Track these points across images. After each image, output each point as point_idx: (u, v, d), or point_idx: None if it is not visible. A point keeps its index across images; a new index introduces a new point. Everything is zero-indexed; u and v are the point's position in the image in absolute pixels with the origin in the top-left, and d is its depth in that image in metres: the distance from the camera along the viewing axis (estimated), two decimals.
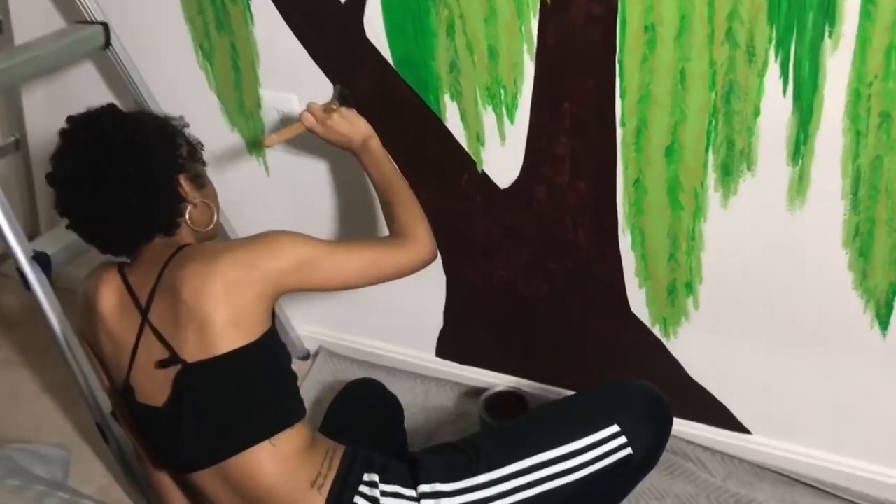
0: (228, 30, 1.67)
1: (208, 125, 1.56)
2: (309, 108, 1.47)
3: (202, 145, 1.36)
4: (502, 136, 1.54)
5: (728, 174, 1.40)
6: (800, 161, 1.33)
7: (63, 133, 1.22)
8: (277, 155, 1.80)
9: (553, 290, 1.69)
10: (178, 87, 1.80)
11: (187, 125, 1.35)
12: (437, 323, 1.88)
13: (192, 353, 1.14)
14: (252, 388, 1.18)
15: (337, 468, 1.20)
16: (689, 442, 1.71)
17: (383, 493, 1.18)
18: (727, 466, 1.68)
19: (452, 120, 1.57)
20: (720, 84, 1.32)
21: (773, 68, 1.28)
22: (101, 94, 1.91)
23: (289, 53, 1.64)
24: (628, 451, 1.25)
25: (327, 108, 1.48)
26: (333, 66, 1.62)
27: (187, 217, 1.27)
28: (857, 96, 1.24)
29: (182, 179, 1.26)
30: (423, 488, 1.19)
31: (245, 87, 1.74)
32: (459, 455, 1.24)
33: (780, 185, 1.37)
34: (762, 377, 1.59)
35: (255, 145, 1.81)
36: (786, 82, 1.28)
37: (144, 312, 1.19)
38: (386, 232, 1.41)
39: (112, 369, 1.27)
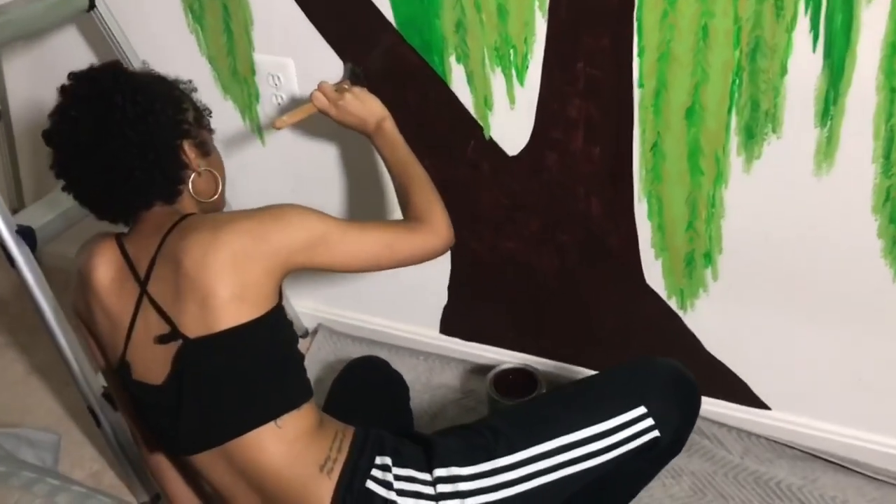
0: None
1: (200, 92, 1.46)
2: (320, 88, 1.40)
3: (210, 111, 1.30)
4: (511, 100, 1.47)
5: (751, 137, 1.32)
6: (828, 122, 1.26)
7: (63, 89, 1.16)
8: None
9: (564, 262, 1.62)
10: (168, 51, 1.71)
11: (195, 90, 1.29)
12: (441, 298, 1.81)
13: (194, 327, 1.07)
14: (257, 366, 1.11)
15: (347, 451, 1.13)
16: (705, 418, 1.66)
17: (397, 477, 1.11)
18: (745, 443, 1.63)
19: (458, 83, 1.49)
20: (745, 41, 1.25)
21: (803, 22, 1.20)
22: (86, 61, 1.80)
23: (284, 15, 1.56)
24: (655, 433, 1.18)
25: (339, 88, 1.41)
26: (332, 29, 1.54)
27: (190, 185, 1.20)
28: (893, 50, 1.17)
29: (186, 145, 1.19)
30: (439, 472, 1.12)
31: (238, 52, 1.66)
32: (477, 436, 1.17)
33: (806, 149, 1.30)
34: (782, 351, 1.53)
35: (249, 112, 1.73)
36: (816, 37, 1.20)
37: (143, 284, 1.12)
38: (392, 212, 1.34)
39: (107, 346, 1.19)
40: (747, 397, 1.62)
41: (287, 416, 1.11)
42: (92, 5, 1.63)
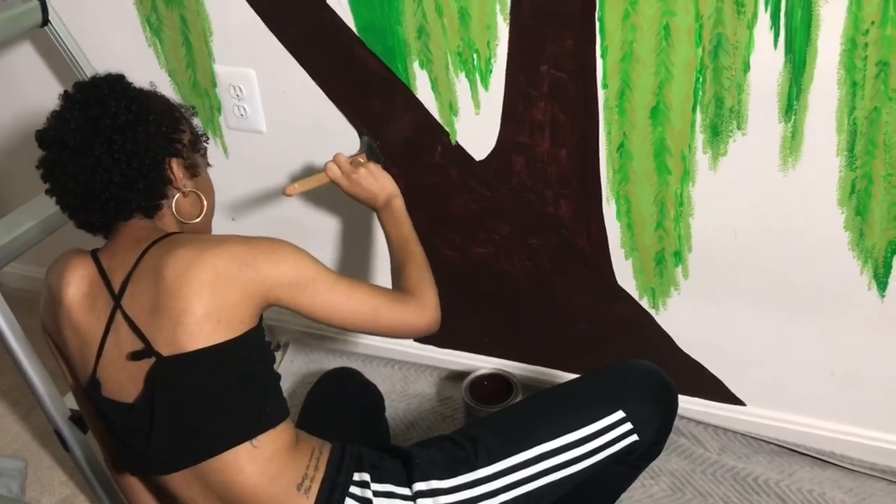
0: (177, 2, 1.56)
1: None
2: (335, 160, 1.37)
3: (207, 138, 1.29)
4: (476, 105, 1.46)
5: (717, 134, 1.33)
6: (793, 117, 1.27)
7: (65, 94, 1.16)
8: (236, 136, 1.70)
9: (535, 265, 1.61)
10: (126, 66, 1.65)
11: (196, 114, 1.29)
12: None
13: (168, 345, 1.04)
14: (232, 386, 1.08)
15: (324, 469, 1.11)
16: (682, 417, 1.66)
17: (376, 494, 1.09)
18: (722, 440, 1.63)
19: (423, 89, 1.48)
20: (707, 39, 1.25)
21: (764, 19, 1.20)
22: (41, 77, 1.79)
23: (243, 25, 1.54)
24: (634, 437, 1.17)
25: (354, 162, 1.39)
26: (292, 36, 1.52)
27: (174, 204, 1.18)
28: (852, 45, 1.18)
29: (174, 163, 1.17)
30: (419, 486, 1.10)
31: (198, 64, 1.63)
32: (456, 448, 1.15)
33: (772, 144, 1.30)
34: (756, 346, 1.54)
35: (211, 125, 1.70)
36: (777, 34, 1.21)
37: (117, 298, 1.09)
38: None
39: (77, 364, 1.16)
40: (722, 394, 1.62)
41: (263, 435, 1.08)
42: (46, 21, 1.59)
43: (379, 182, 1.39)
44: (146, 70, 1.67)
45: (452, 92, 1.46)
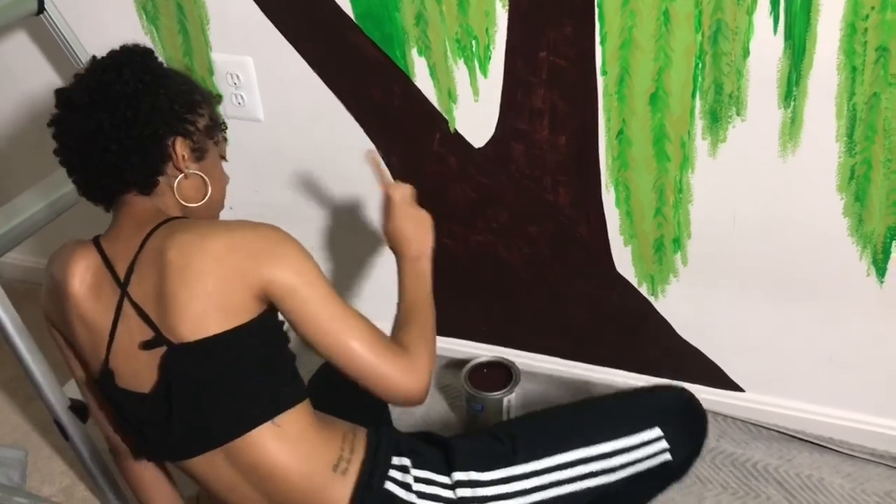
0: None
1: None
2: (405, 186, 1.34)
3: (226, 127, 1.25)
4: (475, 92, 1.45)
5: (716, 120, 1.32)
6: (792, 103, 1.27)
7: (91, 58, 1.16)
8: (234, 124, 1.69)
9: (534, 253, 1.61)
10: None
11: (220, 102, 1.26)
12: None
13: (178, 332, 1.03)
14: (246, 370, 1.07)
15: (363, 451, 1.12)
16: None
17: (416, 479, 1.10)
18: (720, 426, 1.63)
19: (421, 76, 1.47)
20: (707, 24, 1.24)
21: (763, 4, 1.20)
22: (36, 66, 1.78)
23: (240, 13, 1.53)
24: (667, 457, 1.19)
25: (414, 199, 1.35)
26: (289, 24, 1.51)
27: (175, 185, 1.14)
28: (852, 30, 1.17)
29: (178, 143, 1.13)
30: (458, 475, 1.11)
31: (195, 52, 1.63)
32: (496, 443, 1.16)
33: (771, 130, 1.30)
34: (755, 332, 1.54)
35: None
36: (776, 19, 1.20)
37: (124, 286, 1.08)
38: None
39: (89, 355, 1.14)
40: (721, 380, 1.63)
41: (283, 415, 1.08)
42: (41, 8, 1.58)
43: (423, 232, 1.32)
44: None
45: (451, 79, 1.45)
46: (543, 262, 1.62)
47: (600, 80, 1.35)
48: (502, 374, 1.67)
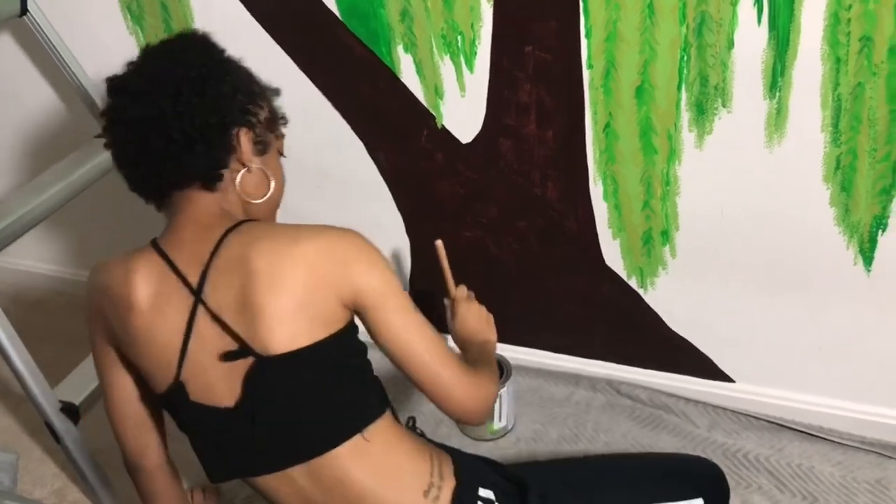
0: None
1: None
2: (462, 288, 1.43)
3: (286, 123, 1.18)
4: (462, 88, 1.45)
5: (702, 112, 1.33)
6: (777, 94, 1.27)
7: (144, 46, 1.10)
8: None
9: (524, 248, 1.61)
10: (108, 55, 1.63)
11: (278, 95, 1.18)
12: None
13: (267, 344, 0.98)
14: (335, 383, 1.04)
15: (452, 479, 1.09)
16: (671, 395, 1.67)
17: None
18: (711, 417, 1.64)
19: (408, 73, 1.47)
20: (691, 16, 1.25)
21: None
22: (20, 67, 1.78)
23: (226, 12, 1.53)
24: None
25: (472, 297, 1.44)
26: (274, 22, 1.51)
27: (238, 179, 1.07)
28: (836, 20, 1.18)
29: (243, 134, 1.06)
30: None
31: None
32: (566, 491, 1.17)
33: (757, 121, 1.31)
34: (744, 323, 1.55)
35: None
36: (760, 10, 1.21)
37: (197, 293, 1.01)
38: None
39: (153, 369, 1.06)
40: (711, 371, 1.64)
41: (371, 426, 1.05)
42: (24, 10, 1.57)
43: (487, 326, 1.39)
44: (127, 58, 1.65)
45: (437, 75, 1.45)
46: (533, 257, 1.62)
47: (586, 73, 1.35)
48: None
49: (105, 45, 1.65)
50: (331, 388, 1.03)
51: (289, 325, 0.98)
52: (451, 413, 1.09)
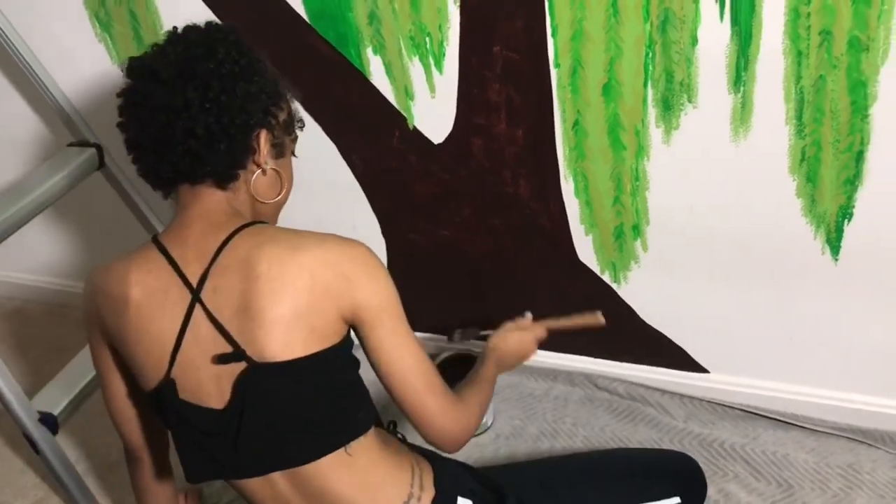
0: None
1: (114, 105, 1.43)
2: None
3: (303, 124, 1.18)
4: (432, 88, 1.46)
5: (669, 108, 1.35)
6: (741, 88, 1.29)
7: (171, 30, 1.06)
8: None
9: (498, 245, 1.63)
10: (77, 63, 1.66)
11: (296, 99, 1.18)
12: None
13: (263, 351, 0.97)
14: (326, 395, 1.03)
15: (432, 488, 1.09)
16: (647, 387, 1.69)
17: None
18: (687, 408, 1.66)
19: (378, 75, 1.48)
20: (655, 14, 1.26)
21: None
22: None
23: (194, 16, 1.49)
24: None
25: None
26: (243, 27, 1.51)
27: (253, 180, 1.06)
28: (796, 15, 1.20)
29: (263, 136, 1.05)
30: None
31: None
32: (548, 496, 1.18)
33: (722, 115, 1.32)
34: (716, 314, 1.57)
35: None
36: (722, 6, 1.23)
37: (196, 291, 1.00)
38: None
39: (144, 364, 1.04)
40: (686, 363, 1.66)
41: (355, 442, 1.05)
42: None
43: (515, 361, 1.36)
44: (98, 65, 1.65)
45: (407, 76, 1.46)
46: (508, 254, 1.63)
47: (553, 72, 1.37)
48: (471, 366, 1.68)
49: (73, 53, 1.65)
50: (320, 400, 1.03)
51: (286, 334, 0.97)
52: (426, 438, 1.09)
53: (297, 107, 1.17)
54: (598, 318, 1.38)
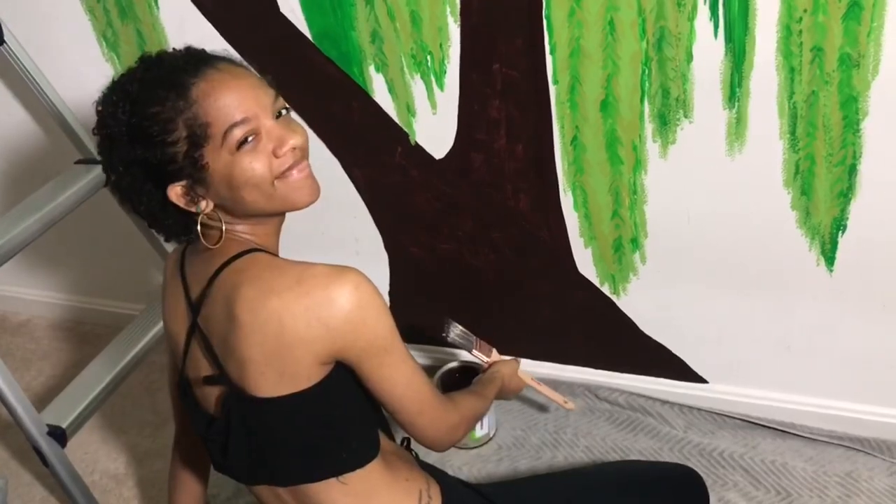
0: (132, 16, 1.58)
1: None
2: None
3: (210, 135, 0.95)
4: (433, 105, 1.49)
5: (665, 123, 1.37)
6: (736, 104, 1.32)
7: (141, 59, 1.02)
8: None
9: (499, 258, 1.65)
10: (85, 83, 1.69)
11: (194, 84, 0.99)
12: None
13: (240, 383, 0.99)
14: (305, 431, 1.02)
15: None
16: (647, 397, 1.71)
17: None
18: (687, 417, 1.68)
19: (380, 92, 1.51)
20: (651, 31, 1.29)
21: (703, 11, 1.25)
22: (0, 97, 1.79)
23: (200, 37, 1.55)
24: None
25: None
26: (248, 46, 1.54)
27: (199, 230, 1.01)
28: (788, 32, 1.23)
29: (171, 194, 0.97)
30: None
31: None
32: None
33: (718, 130, 1.35)
34: (714, 325, 1.59)
35: None
36: (716, 24, 1.26)
37: (195, 312, 1.03)
38: None
39: (174, 356, 1.13)
40: (685, 373, 1.68)
41: (350, 474, 1.04)
42: (1, 40, 1.60)
43: (509, 383, 1.43)
44: (105, 84, 1.68)
45: (409, 94, 1.49)
46: (508, 267, 1.66)
47: (552, 89, 1.40)
48: (473, 377, 1.71)
49: (82, 73, 1.68)
50: (301, 435, 1.02)
51: (257, 374, 0.97)
52: (413, 439, 1.12)
53: (195, 96, 0.95)
54: (570, 405, 1.57)
